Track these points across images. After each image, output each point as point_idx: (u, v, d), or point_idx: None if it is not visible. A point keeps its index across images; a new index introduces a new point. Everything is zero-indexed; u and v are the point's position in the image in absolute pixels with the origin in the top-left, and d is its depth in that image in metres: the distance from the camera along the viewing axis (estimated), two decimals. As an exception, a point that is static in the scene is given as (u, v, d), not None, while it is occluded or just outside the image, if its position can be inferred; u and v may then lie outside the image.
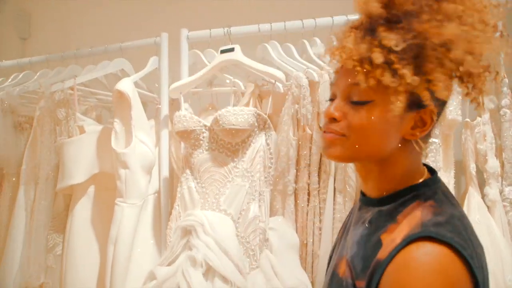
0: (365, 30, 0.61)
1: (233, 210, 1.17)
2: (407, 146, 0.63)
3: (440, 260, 0.49)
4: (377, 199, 0.65)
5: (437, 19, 0.56)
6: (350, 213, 0.79)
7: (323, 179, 1.24)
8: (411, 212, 0.58)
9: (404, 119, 0.61)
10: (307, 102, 1.19)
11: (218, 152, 1.23)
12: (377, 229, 0.61)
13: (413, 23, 0.57)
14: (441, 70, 0.57)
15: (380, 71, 0.58)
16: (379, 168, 0.64)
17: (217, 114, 1.18)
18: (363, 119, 0.61)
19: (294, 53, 1.32)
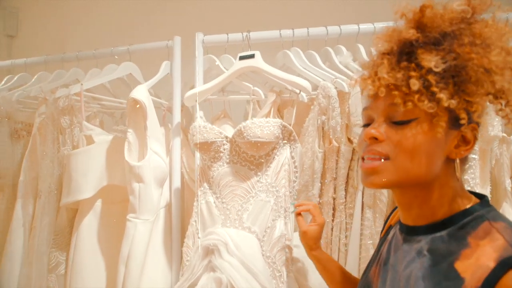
0: (399, 55, 0.60)
1: (257, 228, 1.10)
2: (451, 166, 0.60)
3: None
4: (427, 225, 0.61)
5: (477, 43, 0.56)
6: (379, 248, 0.74)
7: (350, 194, 1.18)
8: (486, 234, 0.54)
9: (449, 137, 0.59)
10: (337, 113, 1.14)
11: (240, 166, 1.16)
12: (444, 257, 0.56)
13: (454, 45, 0.57)
14: (481, 91, 0.56)
15: (418, 96, 0.57)
16: (425, 193, 0.61)
17: (241, 126, 1.11)
18: (409, 138, 0.59)
19: (318, 61, 1.26)
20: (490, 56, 0.55)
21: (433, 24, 0.59)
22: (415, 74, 0.57)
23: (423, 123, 0.58)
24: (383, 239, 0.76)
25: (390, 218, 0.80)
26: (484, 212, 0.57)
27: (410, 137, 0.58)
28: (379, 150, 0.60)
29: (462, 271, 0.52)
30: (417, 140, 0.58)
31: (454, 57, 0.56)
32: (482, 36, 0.57)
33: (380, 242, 0.77)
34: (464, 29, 0.57)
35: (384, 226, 0.82)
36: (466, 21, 0.58)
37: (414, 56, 0.59)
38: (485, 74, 0.55)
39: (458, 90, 0.56)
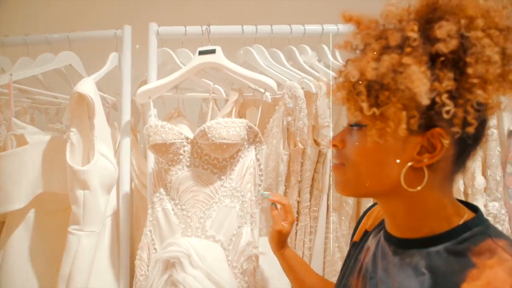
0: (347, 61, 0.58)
1: (222, 236, 1.02)
2: (422, 175, 0.54)
3: None
4: (421, 239, 0.57)
5: (386, 52, 0.52)
6: (357, 257, 0.70)
7: (315, 196, 1.16)
8: (492, 254, 0.51)
9: (408, 145, 0.53)
10: (304, 115, 1.10)
11: (202, 169, 1.07)
12: (447, 277, 0.52)
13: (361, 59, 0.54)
14: (394, 99, 0.52)
15: (350, 106, 0.56)
16: (403, 203, 0.57)
17: (205, 126, 1.02)
18: (355, 144, 0.57)
19: (282, 59, 1.22)
20: (372, 62, 0.52)
21: (362, 32, 0.56)
22: (347, 85, 0.55)
23: (368, 130, 0.54)
24: (359, 246, 0.73)
25: (362, 221, 0.78)
26: (484, 228, 0.54)
27: (360, 145, 0.57)
28: (339, 156, 0.61)
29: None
30: (364, 148, 0.56)
31: (359, 67, 0.53)
32: (389, 44, 0.53)
33: (355, 249, 0.74)
34: (377, 36, 0.54)
35: (356, 230, 0.78)
36: (387, 26, 0.55)
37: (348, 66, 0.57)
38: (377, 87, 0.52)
39: (379, 98, 0.52)
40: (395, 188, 0.56)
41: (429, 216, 0.57)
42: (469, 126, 0.51)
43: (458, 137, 0.52)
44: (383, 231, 0.65)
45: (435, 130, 0.52)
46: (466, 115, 0.50)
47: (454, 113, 0.50)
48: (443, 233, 0.55)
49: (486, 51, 0.48)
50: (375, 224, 0.73)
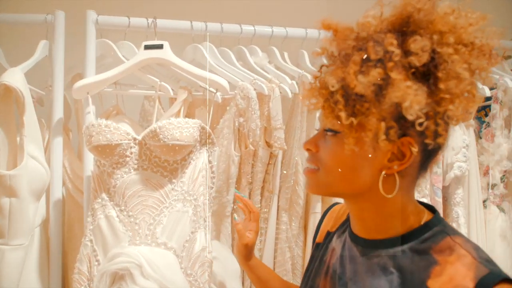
0: (320, 71, 0.60)
1: (175, 243, 0.97)
2: (393, 180, 0.57)
3: None
4: (387, 240, 0.60)
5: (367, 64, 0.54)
6: (322, 258, 0.71)
7: (266, 198, 1.17)
8: (451, 250, 0.55)
9: (379, 152, 0.56)
10: (257, 116, 1.10)
11: (151, 172, 1.00)
12: (413, 274, 0.56)
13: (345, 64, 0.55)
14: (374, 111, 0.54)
15: (326, 114, 0.57)
16: (372, 206, 0.60)
17: (156, 126, 0.96)
18: (330, 150, 0.59)
19: (233, 59, 1.20)
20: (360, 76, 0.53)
21: (339, 42, 0.57)
22: (324, 93, 0.57)
23: (344, 137, 0.56)
24: (323, 247, 0.74)
25: (324, 222, 0.79)
26: (442, 227, 0.58)
27: (334, 151, 0.58)
28: (313, 161, 0.62)
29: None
30: (338, 154, 0.58)
31: (342, 77, 0.54)
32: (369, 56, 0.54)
33: (318, 250, 0.75)
34: (355, 48, 0.55)
35: (318, 231, 0.80)
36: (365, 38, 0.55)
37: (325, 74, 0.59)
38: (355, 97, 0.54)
39: (358, 108, 0.54)
40: (366, 192, 0.59)
41: (395, 218, 0.59)
42: (439, 137, 0.54)
43: (424, 145, 0.56)
44: (348, 232, 0.67)
45: (405, 139, 0.54)
46: (437, 127, 0.53)
47: (426, 125, 0.53)
48: (407, 234, 0.59)
49: (456, 67, 0.52)
50: (337, 225, 0.75)
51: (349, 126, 0.55)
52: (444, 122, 0.54)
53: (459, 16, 0.55)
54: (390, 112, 0.53)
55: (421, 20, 0.55)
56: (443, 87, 0.52)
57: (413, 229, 0.59)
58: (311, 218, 1.14)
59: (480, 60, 0.54)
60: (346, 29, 0.59)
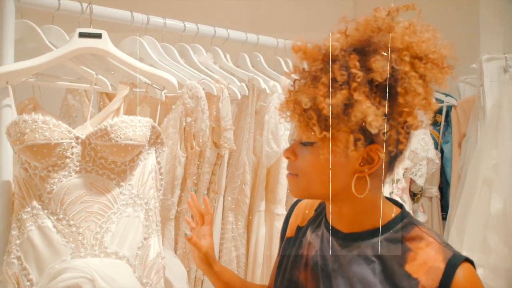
0: (294, 87, 0.66)
1: (127, 251, 0.89)
2: (364, 182, 0.66)
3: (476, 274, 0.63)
4: (365, 232, 0.67)
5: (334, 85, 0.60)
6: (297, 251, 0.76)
7: (211, 199, 1.16)
8: (420, 238, 0.65)
9: (350, 157, 0.63)
10: (206, 116, 1.08)
11: (96, 175, 0.90)
12: (392, 261, 0.64)
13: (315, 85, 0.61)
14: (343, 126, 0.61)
15: (301, 129, 0.64)
16: (350, 205, 0.68)
17: (107, 124, 0.87)
18: (307, 159, 0.66)
19: (177, 56, 1.15)
20: (327, 99, 0.59)
21: (310, 61, 0.64)
22: (297, 109, 0.62)
23: (319, 148, 0.63)
24: (296, 241, 0.78)
25: (292, 217, 0.84)
26: (410, 219, 0.68)
27: (310, 160, 0.65)
28: (292, 168, 0.69)
29: (412, 272, 0.62)
30: (314, 162, 0.65)
31: (313, 97, 0.61)
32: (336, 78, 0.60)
33: (290, 244, 0.79)
34: (322, 70, 0.61)
35: (286, 226, 0.85)
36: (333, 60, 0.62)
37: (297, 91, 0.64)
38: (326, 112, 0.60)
39: (328, 124, 0.61)
40: (342, 193, 0.66)
41: (370, 213, 0.68)
42: (400, 144, 0.64)
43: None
44: (325, 227, 0.73)
45: (373, 146, 0.63)
46: (398, 136, 0.62)
47: (388, 134, 0.62)
48: (382, 226, 0.67)
49: (413, 83, 0.61)
50: (306, 220, 0.81)
51: (322, 138, 0.62)
52: (404, 131, 0.63)
53: (414, 32, 0.64)
54: (356, 125, 0.61)
55: (380, 40, 0.63)
56: (402, 101, 0.61)
57: (387, 222, 0.68)
58: (255, 217, 1.17)
59: (434, 71, 0.64)
60: (314, 50, 0.65)
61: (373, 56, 0.61)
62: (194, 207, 0.86)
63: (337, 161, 0.63)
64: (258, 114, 1.16)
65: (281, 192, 1.19)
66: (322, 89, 0.60)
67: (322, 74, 0.61)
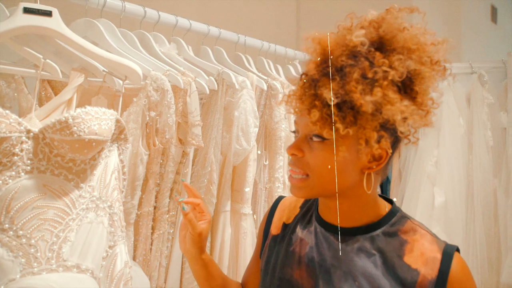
0: (312, 80, 0.63)
1: (91, 263, 0.77)
2: (369, 178, 0.67)
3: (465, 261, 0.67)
4: (363, 227, 0.68)
5: (366, 82, 0.60)
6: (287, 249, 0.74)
7: (174, 200, 1.08)
8: (414, 231, 0.68)
9: (361, 155, 0.64)
10: (173, 111, 1.00)
11: (51, 175, 0.77)
12: (391, 253, 0.66)
13: (345, 80, 0.60)
14: (371, 123, 0.61)
15: (320, 124, 0.61)
16: (351, 200, 0.68)
17: (69, 116, 0.75)
18: (321, 156, 0.64)
19: (138, 44, 1.04)
20: (367, 96, 0.59)
21: (332, 55, 0.62)
22: (318, 104, 0.60)
23: (332, 144, 0.62)
24: (284, 238, 0.76)
25: (276, 215, 0.81)
26: (402, 213, 0.70)
27: (323, 157, 0.64)
28: (299, 166, 0.66)
29: (411, 264, 0.64)
30: (328, 159, 0.63)
31: (345, 92, 0.59)
32: (366, 75, 0.60)
33: (277, 241, 0.77)
34: (359, 63, 0.60)
35: (270, 224, 0.82)
36: (367, 52, 0.62)
37: (317, 85, 0.62)
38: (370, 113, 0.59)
39: (354, 121, 0.60)
40: (349, 189, 0.66)
41: (368, 208, 0.69)
42: (414, 140, 0.67)
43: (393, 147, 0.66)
44: (318, 223, 0.72)
45: (381, 143, 0.62)
46: (411, 133, 0.65)
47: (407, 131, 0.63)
48: (379, 220, 0.69)
49: (429, 83, 0.64)
50: (292, 217, 0.79)
51: (344, 135, 0.60)
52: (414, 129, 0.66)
53: (424, 34, 0.65)
54: (381, 123, 0.61)
55: (399, 39, 0.65)
56: (420, 100, 0.63)
57: (383, 216, 0.69)
58: (221, 217, 1.12)
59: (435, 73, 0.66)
60: (336, 45, 0.64)
61: (394, 55, 0.61)
62: (192, 195, 0.80)
63: (350, 158, 0.63)
64: (225, 110, 1.10)
65: (249, 191, 1.16)
66: (355, 85, 0.59)
67: (351, 69, 0.60)
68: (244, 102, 1.09)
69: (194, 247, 0.77)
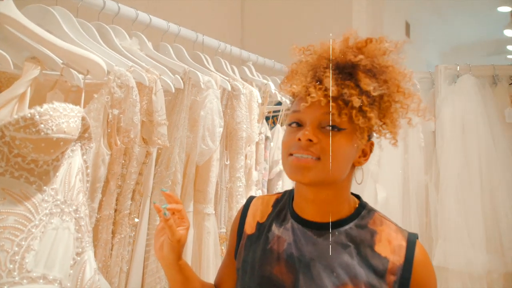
0: (343, 73, 0.71)
1: (58, 272, 0.72)
2: (353, 172, 0.77)
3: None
4: (338, 221, 0.74)
5: (398, 80, 0.73)
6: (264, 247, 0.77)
7: (136, 202, 1.03)
8: (381, 223, 0.75)
9: (358, 149, 0.73)
10: (138, 109, 0.96)
11: (10, 178, 0.70)
12: (364, 244, 0.72)
13: (385, 77, 0.71)
14: (395, 116, 0.74)
15: (355, 112, 0.70)
16: (335, 192, 0.74)
17: (35, 112, 0.68)
18: (337, 144, 0.70)
19: (97, 36, 0.98)
20: (404, 94, 0.72)
21: (373, 54, 0.72)
22: (356, 93, 0.68)
23: (349, 134, 0.70)
24: (259, 237, 0.79)
25: (250, 215, 0.83)
26: (369, 207, 0.77)
27: (338, 144, 0.69)
28: (312, 151, 0.69)
29: (381, 252, 0.71)
30: (342, 147, 0.70)
31: (387, 87, 0.70)
32: (400, 75, 0.72)
33: (253, 241, 0.79)
34: (392, 66, 0.71)
35: (243, 224, 0.83)
36: (392, 59, 0.73)
37: (354, 77, 0.70)
38: (399, 105, 0.72)
39: (381, 113, 0.71)
40: (342, 180, 0.73)
41: (345, 201, 0.76)
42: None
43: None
44: (295, 220, 0.76)
45: (371, 142, 0.75)
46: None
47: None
48: (351, 214, 0.75)
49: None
50: (265, 216, 0.82)
51: (370, 125, 0.70)
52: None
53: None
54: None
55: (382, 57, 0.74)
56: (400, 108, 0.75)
57: (354, 211, 0.76)
58: (184, 218, 1.09)
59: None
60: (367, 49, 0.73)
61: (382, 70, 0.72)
62: (173, 201, 0.78)
63: (355, 148, 0.72)
64: (189, 109, 1.08)
65: (212, 190, 1.15)
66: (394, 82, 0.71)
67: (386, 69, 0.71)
68: (210, 102, 1.09)
69: (173, 253, 0.77)
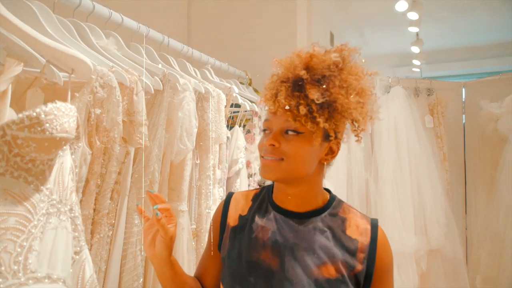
0: (294, 85, 0.81)
1: (61, 272, 0.72)
2: (321, 168, 0.88)
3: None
4: (315, 210, 0.85)
5: (343, 86, 0.81)
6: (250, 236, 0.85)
7: (114, 201, 1.03)
8: (348, 211, 0.88)
9: (322, 148, 0.83)
10: (121, 109, 0.96)
11: (10, 178, 0.68)
12: (337, 229, 0.84)
13: (329, 85, 0.82)
14: (343, 119, 0.85)
15: (304, 118, 0.79)
16: (307, 187, 0.85)
17: (41, 112, 0.68)
18: (296, 145, 0.81)
19: (75, 34, 0.96)
20: (349, 97, 0.80)
21: (317, 67, 0.82)
22: (303, 102, 0.79)
23: (306, 137, 0.80)
24: (243, 228, 0.87)
25: (232, 209, 0.91)
26: (338, 198, 0.90)
27: (298, 146, 0.80)
28: (275, 153, 0.81)
29: (352, 235, 0.83)
30: (302, 148, 0.80)
31: (329, 94, 0.79)
32: (346, 81, 0.80)
33: (238, 232, 0.87)
34: (336, 75, 0.81)
35: (226, 217, 0.91)
36: (338, 68, 0.82)
37: (303, 88, 0.80)
38: (346, 108, 0.83)
39: (330, 117, 0.79)
40: (308, 177, 0.84)
41: (319, 194, 0.87)
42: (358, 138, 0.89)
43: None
44: (277, 211, 0.87)
45: (337, 140, 0.84)
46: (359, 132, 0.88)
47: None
48: (325, 205, 0.88)
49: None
50: (246, 209, 0.91)
51: (316, 130, 0.79)
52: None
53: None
54: (346, 121, 0.83)
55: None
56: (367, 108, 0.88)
57: (327, 201, 0.89)
58: (159, 216, 1.11)
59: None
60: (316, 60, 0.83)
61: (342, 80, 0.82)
62: (159, 201, 0.83)
63: (316, 149, 0.81)
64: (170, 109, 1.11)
65: (185, 188, 1.18)
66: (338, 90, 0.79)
67: (333, 78, 0.80)
68: (187, 104, 1.13)
69: (166, 250, 0.82)
